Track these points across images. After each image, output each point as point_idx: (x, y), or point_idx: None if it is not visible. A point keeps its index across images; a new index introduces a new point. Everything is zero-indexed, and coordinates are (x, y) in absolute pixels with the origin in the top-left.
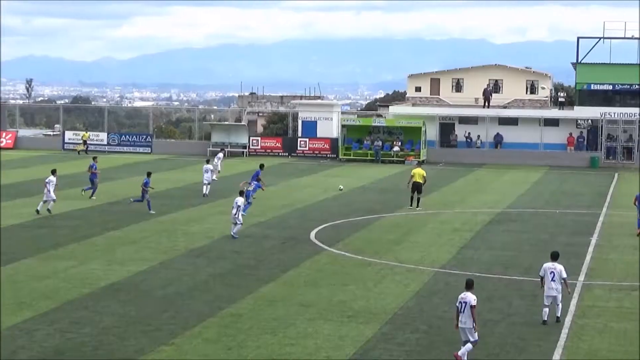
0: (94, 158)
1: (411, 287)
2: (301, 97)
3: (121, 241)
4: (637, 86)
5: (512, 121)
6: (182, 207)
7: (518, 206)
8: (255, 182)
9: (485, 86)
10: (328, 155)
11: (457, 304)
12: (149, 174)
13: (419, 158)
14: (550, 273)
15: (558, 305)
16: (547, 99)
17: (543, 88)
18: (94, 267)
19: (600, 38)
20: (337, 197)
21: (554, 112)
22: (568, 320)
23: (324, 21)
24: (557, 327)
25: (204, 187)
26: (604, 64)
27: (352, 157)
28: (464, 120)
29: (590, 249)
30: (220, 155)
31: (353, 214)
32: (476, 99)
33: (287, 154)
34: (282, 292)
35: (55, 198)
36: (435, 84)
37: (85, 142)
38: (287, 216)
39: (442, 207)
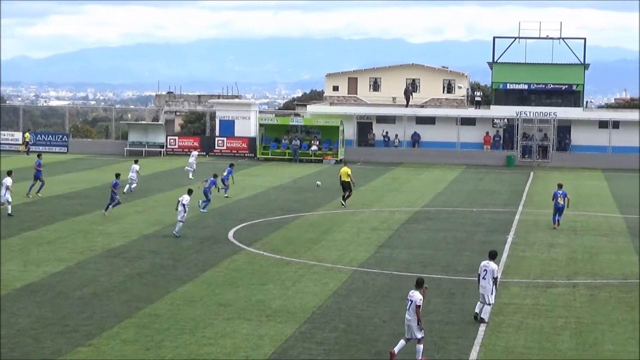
0: (39, 155)
1: (329, 286)
2: (219, 97)
3: (37, 242)
4: (552, 85)
5: (430, 120)
6: (99, 207)
7: (435, 205)
8: (212, 179)
9: (406, 86)
10: (246, 155)
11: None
12: (117, 175)
13: (337, 157)
14: (484, 271)
15: (488, 304)
16: (463, 98)
17: (460, 87)
18: (10, 268)
19: (515, 38)
20: (256, 197)
21: (471, 112)
22: (485, 317)
23: (241, 20)
24: (474, 325)
25: (127, 185)
26: (520, 63)
27: (270, 156)
28: (382, 119)
29: (507, 247)
30: (195, 153)
31: (271, 213)
32: (394, 98)
33: (204, 153)
34: (200, 291)
35: (10, 200)
36: (352, 83)
37: (26, 143)
38: (205, 216)
39: (360, 206)
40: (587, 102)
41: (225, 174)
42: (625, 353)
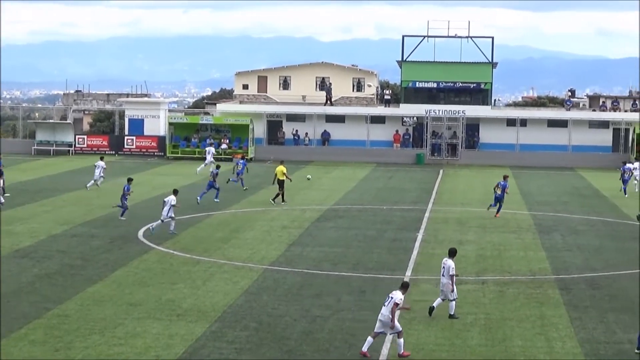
0: None
1: (240, 284)
2: (128, 95)
3: None
4: (460, 84)
5: (339, 119)
6: (6, 206)
7: (346, 203)
8: (242, 161)
9: (327, 85)
10: (155, 154)
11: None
12: (129, 180)
13: (247, 156)
14: (442, 268)
15: (451, 300)
16: (373, 96)
17: (369, 86)
18: None
19: (424, 37)
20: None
21: (380, 110)
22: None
23: (150, 19)
24: None
25: (93, 182)
26: (429, 62)
27: (179, 155)
28: (292, 117)
29: (417, 244)
30: (212, 149)
31: (181, 212)
32: (303, 97)
33: (114, 152)
34: (110, 291)
35: None
36: (262, 81)
37: None
38: (115, 215)
39: (270, 205)
40: (495, 100)
41: (240, 167)
42: (533, 348)
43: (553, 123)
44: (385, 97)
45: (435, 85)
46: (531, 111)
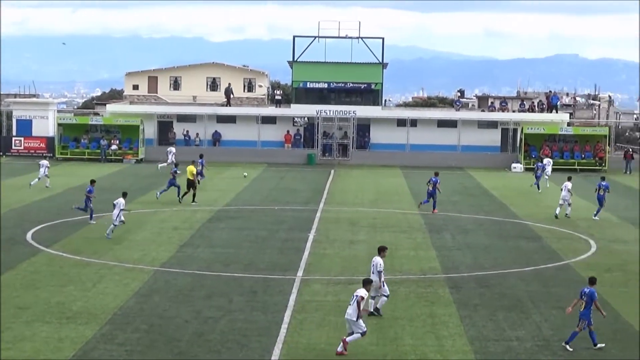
0: None
1: (131, 286)
2: (15, 96)
3: None
4: (351, 84)
5: (230, 119)
6: None
7: (237, 203)
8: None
9: (228, 85)
10: (44, 155)
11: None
12: (92, 182)
13: (138, 156)
14: (372, 265)
15: (381, 297)
16: (264, 96)
17: (260, 86)
18: None
19: (315, 37)
20: (55, 197)
21: (271, 110)
22: (288, 315)
23: (38, 18)
24: (277, 323)
25: (37, 179)
26: (320, 62)
27: (69, 156)
28: (182, 118)
29: (308, 244)
30: (173, 149)
31: (71, 214)
32: (194, 97)
33: (1, 153)
34: None
35: None
36: (153, 82)
37: None
38: (3, 217)
39: (160, 206)
40: (385, 100)
41: (199, 167)
42: (424, 347)
43: (443, 123)
44: (276, 97)
45: (326, 85)
46: (421, 111)
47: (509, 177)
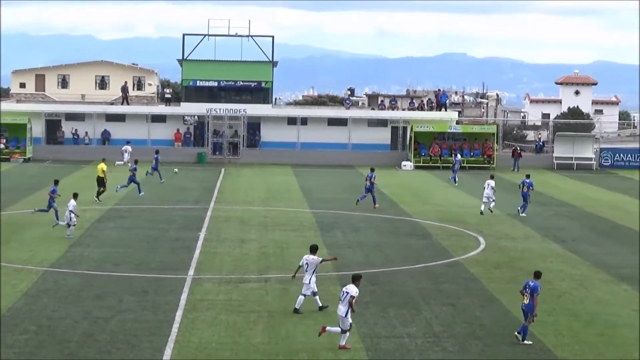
0: None
1: (19, 287)
2: None
3: None
4: (241, 83)
5: (120, 117)
6: None
7: (127, 203)
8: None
9: (124, 84)
10: None
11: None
12: (56, 182)
13: (25, 156)
14: (306, 264)
15: (315, 297)
16: (154, 95)
17: (150, 84)
18: None
19: (205, 35)
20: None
21: (161, 109)
22: (179, 314)
23: None
24: (168, 322)
25: None
26: (209, 60)
27: None
28: (71, 116)
29: (199, 243)
30: (129, 148)
31: None
32: (83, 95)
33: None
34: None
35: None
36: (40, 80)
37: None
38: None
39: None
40: (276, 99)
41: (154, 163)
42: (316, 344)
43: (333, 121)
44: (166, 95)
45: (216, 84)
46: (312, 110)
47: (399, 175)
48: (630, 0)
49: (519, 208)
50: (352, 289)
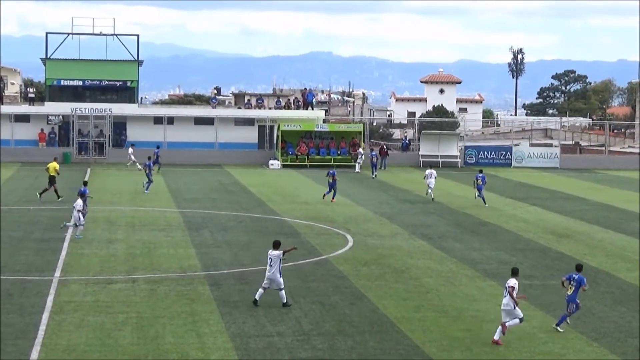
0: None
1: None
2: None
3: None
4: (106, 82)
5: None
6: None
7: None
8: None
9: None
10: None
11: None
12: (85, 183)
13: None
14: (269, 259)
15: (280, 290)
16: (17, 94)
17: (13, 84)
18: None
19: (69, 34)
20: None
21: (25, 108)
22: (45, 317)
23: None
24: (34, 325)
25: None
26: (74, 59)
27: None
28: None
29: (66, 244)
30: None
31: None
32: None
33: None
34: None
35: None
36: None
37: None
38: None
39: None
40: (142, 98)
41: (154, 157)
42: (185, 345)
43: (200, 121)
44: (29, 95)
45: (80, 83)
46: (178, 109)
47: (266, 174)
48: (492, 0)
49: (477, 197)
50: (511, 281)
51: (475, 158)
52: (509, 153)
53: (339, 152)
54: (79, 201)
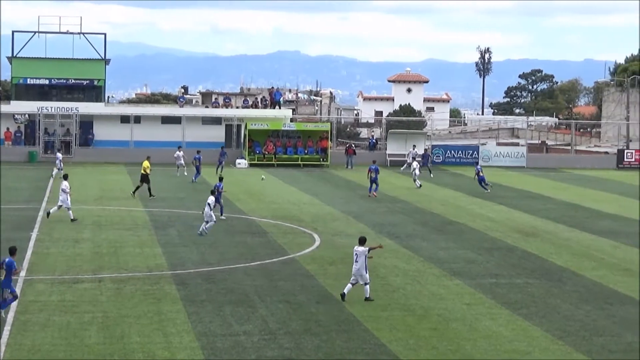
0: None
1: None
2: None
3: None
4: (73, 80)
5: None
6: None
7: None
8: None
9: None
10: None
11: None
12: (220, 179)
13: None
14: (355, 255)
15: (365, 284)
16: None
17: None
18: None
19: (35, 32)
20: None
21: None
22: (10, 316)
23: None
24: None
25: None
26: (40, 58)
27: None
28: None
29: (31, 243)
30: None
31: None
32: None
33: None
34: None
35: None
36: None
37: None
38: None
39: None
40: (108, 97)
41: (197, 163)
42: (151, 344)
43: (167, 119)
44: None
45: (47, 81)
46: (145, 108)
47: (233, 173)
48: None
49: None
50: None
51: (442, 157)
52: (475, 152)
53: (306, 151)
54: (211, 197)
